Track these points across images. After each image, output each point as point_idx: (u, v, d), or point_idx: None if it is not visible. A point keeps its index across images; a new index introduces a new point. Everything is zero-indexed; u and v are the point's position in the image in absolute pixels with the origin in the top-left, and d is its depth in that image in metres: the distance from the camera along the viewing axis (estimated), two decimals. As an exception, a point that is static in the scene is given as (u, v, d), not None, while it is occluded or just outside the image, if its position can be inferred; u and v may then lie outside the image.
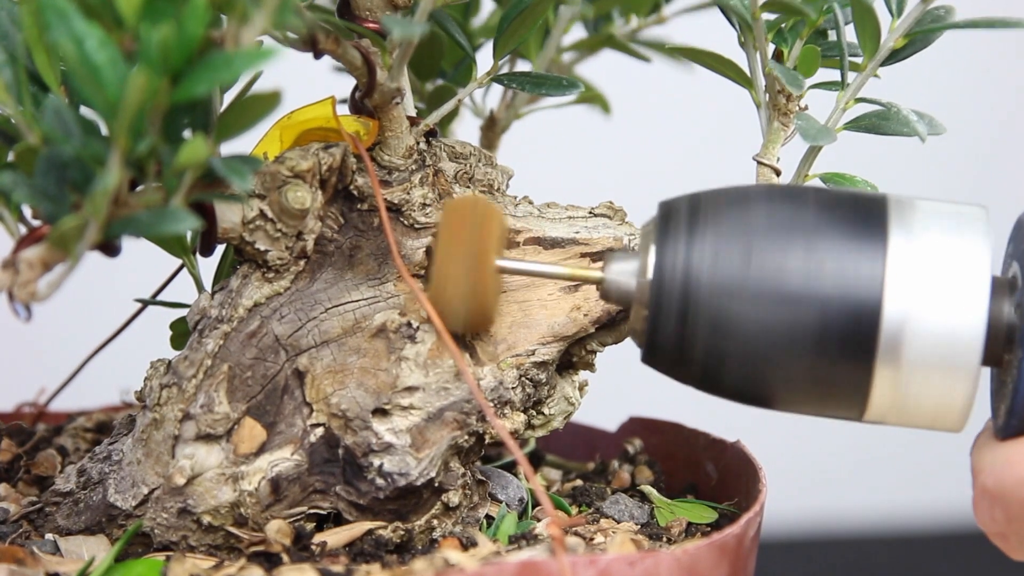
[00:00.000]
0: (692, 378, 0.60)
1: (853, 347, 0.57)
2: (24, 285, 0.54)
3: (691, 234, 0.59)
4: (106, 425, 0.77)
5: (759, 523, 0.64)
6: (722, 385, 0.60)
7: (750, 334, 0.58)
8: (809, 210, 0.58)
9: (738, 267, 0.58)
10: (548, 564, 0.56)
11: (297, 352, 0.64)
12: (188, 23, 0.50)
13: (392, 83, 0.64)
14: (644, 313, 0.60)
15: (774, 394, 0.59)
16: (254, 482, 0.63)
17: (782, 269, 0.58)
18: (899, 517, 1.37)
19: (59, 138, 0.52)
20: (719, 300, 0.58)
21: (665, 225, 0.59)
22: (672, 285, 0.58)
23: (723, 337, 0.58)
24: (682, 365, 0.59)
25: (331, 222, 0.65)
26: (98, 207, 0.52)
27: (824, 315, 0.57)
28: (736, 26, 0.67)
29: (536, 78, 0.68)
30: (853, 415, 0.60)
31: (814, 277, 0.57)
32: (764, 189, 0.60)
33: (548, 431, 0.68)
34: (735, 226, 0.58)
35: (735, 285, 0.58)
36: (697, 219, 0.59)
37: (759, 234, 0.58)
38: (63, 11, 0.50)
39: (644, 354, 0.61)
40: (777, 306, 0.57)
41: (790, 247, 0.58)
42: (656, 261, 0.59)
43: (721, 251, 0.58)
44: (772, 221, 0.58)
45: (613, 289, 0.61)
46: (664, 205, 0.61)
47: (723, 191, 0.60)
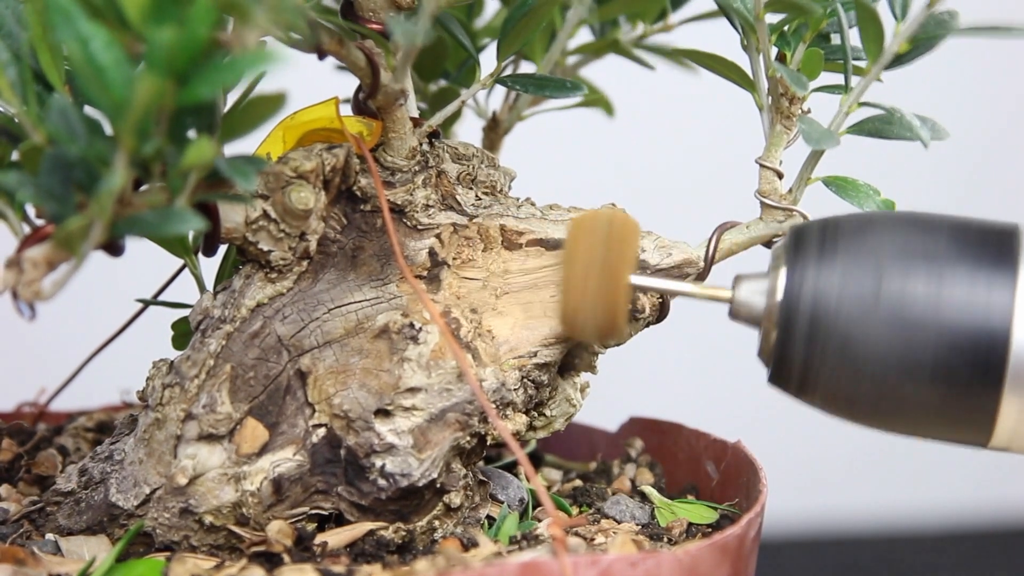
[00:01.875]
0: (818, 401, 0.61)
1: (981, 375, 0.58)
2: (28, 284, 0.54)
3: (821, 258, 0.59)
4: (107, 425, 0.77)
5: (760, 523, 0.64)
6: (849, 409, 0.60)
7: (878, 360, 0.58)
8: (940, 238, 0.59)
9: (868, 293, 0.58)
10: (549, 564, 0.56)
11: (300, 352, 0.64)
12: (194, 25, 0.50)
13: (396, 84, 0.64)
14: (773, 334, 0.60)
15: (901, 419, 0.60)
16: (256, 482, 0.63)
17: (912, 296, 0.58)
18: (899, 517, 1.37)
19: (64, 138, 0.52)
20: (848, 325, 0.58)
21: (796, 248, 0.60)
22: (802, 308, 0.59)
23: (852, 362, 0.59)
24: (808, 388, 0.60)
25: (334, 223, 0.65)
26: (103, 207, 0.52)
27: (953, 343, 0.58)
28: (739, 29, 0.67)
29: (539, 80, 0.68)
30: (979, 441, 0.60)
31: (944, 305, 0.58)
32: (896, 215, 0.61)
33: (550, 432, 0.68)
34: (866, 251, 0.59)
35: (865, 310, 0.58)
36: (827, 243, 0.60)
37: (889, 260, 0.59)
38: (68, 11, 0.50)
39: (771, 375, 0.61)
40: (905, 332, 0.58)
41: (921, 274, 0.58)
42: (786, 283, 0.60)
43: (851, 276, 0.59)
44: (904, 248, 0.59)
45: (743, 309, 0.62)
46: (795, 228, 0.61)
47: (855, 216, 0.61)
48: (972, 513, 1.34)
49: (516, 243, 0.66)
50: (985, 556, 1.09)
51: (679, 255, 0.66)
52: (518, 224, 0.67)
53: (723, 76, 0.68)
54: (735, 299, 0.62)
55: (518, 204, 0.68)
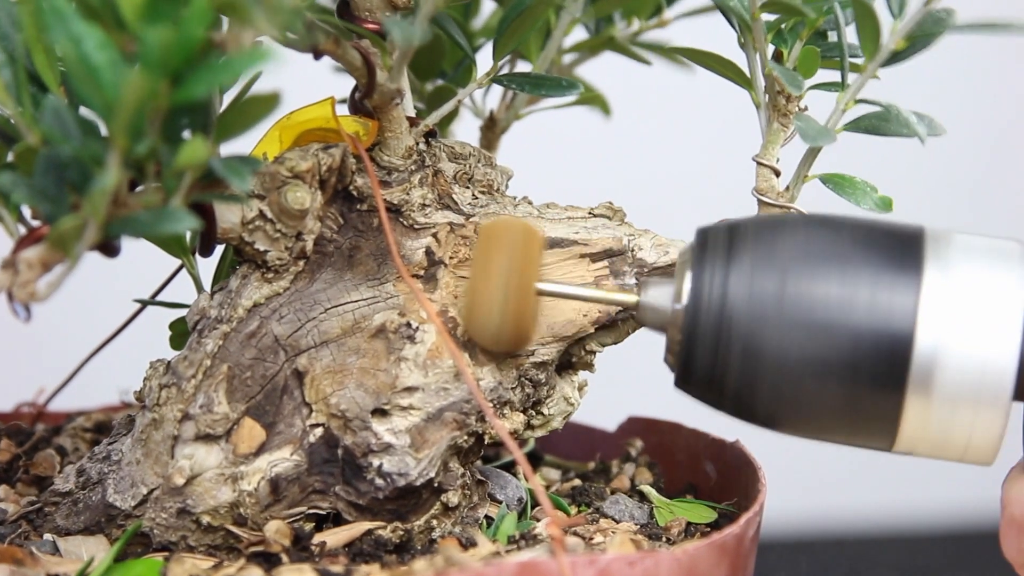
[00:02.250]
0: (725, 405, 0.60)
1: (884, 378, 0.58)
2: (23, 285, 0.54)
3: (728, 261, 0.59)
4: (105, 425, 0.77)
5: (758, 523, 0.64)
6: (754, 412, 0.60)
7: (782, 362, 0.58)
8: (845, 240, 0.59)
9: (773, 294, 0.58)
10: (548, 564, 0.56)
11: (296, 352, 0.64)
12: (189, 24, 0.49)
13: (392, 84, 0.64)
14: (679, 338, 0.60)
15: (805, 422, 0.60)
16: (253, 482, 0.63)
17: (816, 298, 0.58)
18: (899, 517, 1.37)
19: (58, 139, 0.52)
20: (753, 328, 0.58)
21: (702, 252, 0.60)
22: (707, 312, 0.59)
23: (756, 365, 0.58)
24: (715, 391, 0.60)
25: (330, 222, 0.65)
26: (97, 207, 0.52)
27: (856, 345, 0.58)
28: (736, 27, 0.67)
29: (535, 79, 0.68)
30: (883, 446, 0.60)
31: (847, 307, 0.58)
32: (801, 218, 0.60)
33: (547, 431, 0.68)
34: (771, 254, 0.58)
35: (769, 313, 0.58)
36: (734, 246, 0.59)
37: (794, 263, 0.58)
38: (62, 12, 0.50)
39: (677, 379, 0.61)
40: (810, 335, 0.58)
41: (825, 276, 0.58)
42: (692, 287, 0.59)
43: (756, 277, 0.58)
44: (808, 250, 0.58)
45: (648, 314, 0.61)
46: (701, 232, 0.61)
47: (760, 218, 0.60)
48: (972, 513, 1.33)
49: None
50: (985, 556, 1.09)
51: (676, 253, 0.66)
52: (515, 223, 0.67)
53: (720, 74, 0.68)
54: (640, 304, 0.62)
55: (515, 203, 0.68)
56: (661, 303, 0.61)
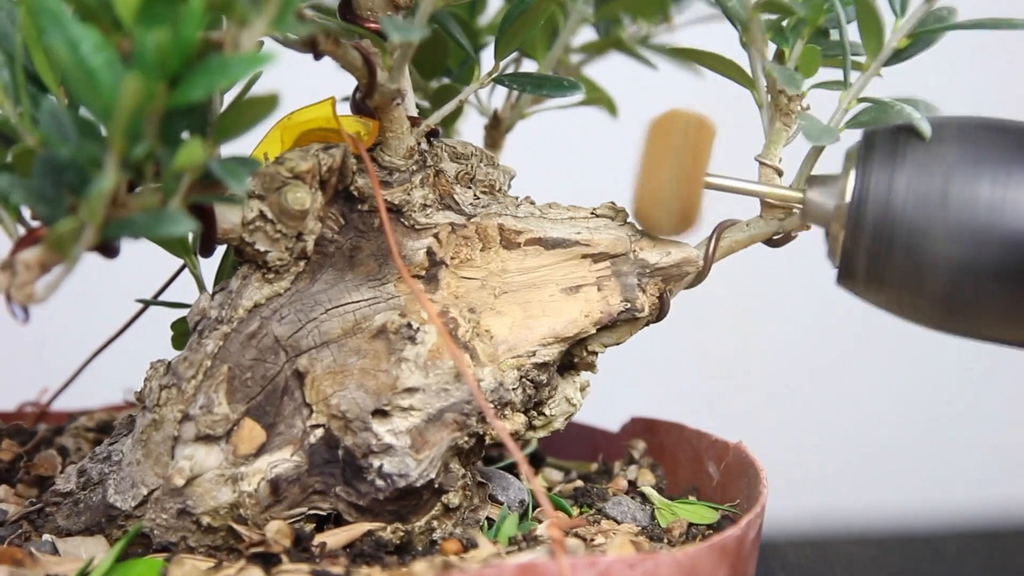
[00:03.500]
0: (883, 301, 0.62)
1: None
2: (22, 287, 0.54)
3: (892, 161, 0.61)
4: (108, 425, 0.77)
5: (760, 524, 0.64)
6: (915, 309, 0.62)
7: (943, 260, 0.60)
8: (1010, 143, 0.60)
9: (936, 195, 0.60)
10: (548, 566, 0.56)
11: (297, 353, 0.64)
12: (185, 26, 0.49)
13: (392, 84, 0.64)
14: (841, 234, 0.62)
15: (964, 319, 0.61)
16: (253, 483, 0.63)
17: (980, 200, 0.59)
18: (899, 517, 1.37)
19: (56, 140, 0.52)
20: (916, 227, 0.60)
21: (868, 151, 0.62)
22: (871, 209, 0.61)
23: (917, 262, 0.60)
24: (874, 288, 0.62)
25: (331, 223, 0.65)
26: (94, 209, 0.52)
27: (1017, 245, 0.59)
28: (737, 27, 0.67)
29: (537, 79, 0.68)
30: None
31: (1009, 208, 0.59)
32: (967, 121, 0.62)
33: (549, 432, 0.68)
34: (935, 154, 0.60)
35: (932, 212, 0.60)
36: (899, 147, 0.61)
37: (959, 164, 0.60)
38: (58, 14, 0.50)
39: (838, 274, 0.63)
40: (971, 234, 0.60)
41: (988, 177, 0.60)
42: (856, 185, 0.61)
43: (920, 178, 0.60)
44: (973, 152, 0.60)
45: (813, 209, 0.64)
46: (868, 132, 0.63)
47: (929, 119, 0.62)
48: (972, 513, 1.33)
49: (514, 242, 0.66)
50: (985, 556, 1.09)
51: (678, 254, 0.66)
52: (516, 223, 0.67)
53: (722, 74, 0.68)
54: (806, 199, 0.64)
55: (516, 203, 0.68)
56: (826, 199, 0.63)
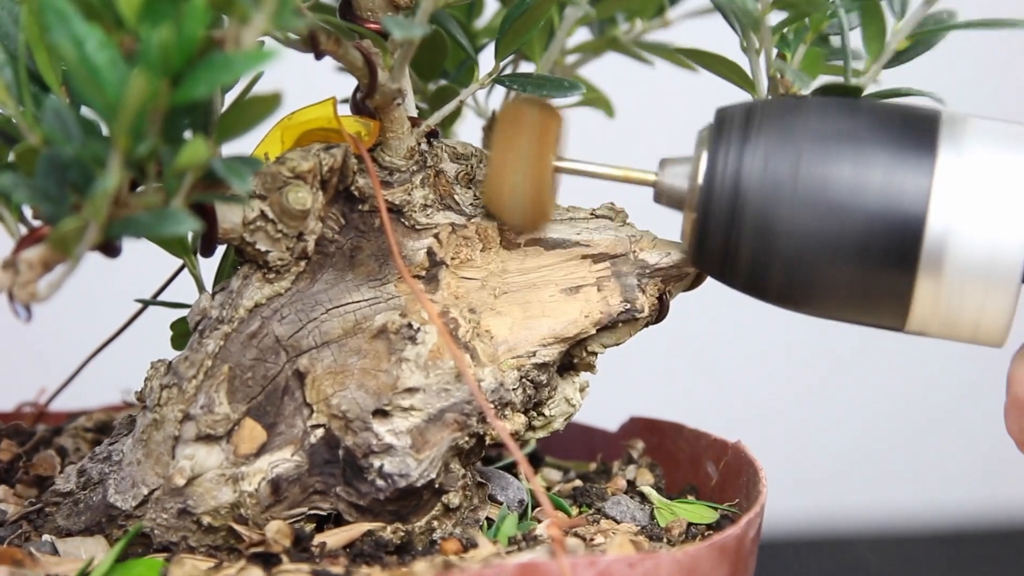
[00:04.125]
0: (738, 281, 0.62)
1: (896, 257, 0.59)
2: (24, 286, 0.54)
3: (743, 140, 0.60)
4: (107, 425, 0.77)
5: (759, 524, 0.64)
6: (766, 289, 0.61)
7: (796, 240, 0.59)
8: (861, 121, 0.60)
9: (787, 174, 0.59)
10: (548, 565, 0.56)
11: (298, 353, 0.64)
12: (188, 24, 0.49)
13: (393, 84, 0.64)
14: (693, 216, 0.62)
15: (817, 299, 0.61)
16: (254, 483, 0.63)
17: (830, 178, 0.59)
18: (899, 517, 1.37)
19: (59, 139, 0.52)
20: (767, 205, 0.60)
21: (719, 131, 0.61)
22: (721, 189, 0.60)
23: (769, 243, 0.60)
24: (728, 268, 0.61)
25: (332, 223, 0.65)
26: (98, 208, 0.52)
27: (869, 225, 0.59)
28: (738, 31, 0.67)
29: (537, 80, 0.68)
30: (895, 324, 0.61)
31: (861, 188, 0.59)
32: (818, 100, 0.61)
33: (549, 432, 0.68)
34: (787, 133, 0.60)
35: (783, 191, 0.59)
36: (751, 125, 0.61)
37: (810, 142, 0.60)
38: (63, 12, 0.50)
39: (692, 256, 0.63)
40: (823, 214, 0.59)
41: (839, 156, 0.59)
42: (708, 166, 0.61)
43: (771, 157, 0.60)
44: (824, 130, 0.60)
45: (665, 191, 0.63)
46: (719, 112, 0.62)
47: (778, 100, 0.62)
48: (972, 513, 1.33)
49: (514, 243, 0.66)
50: (985, 556, 1.09)
51: (678, 255, 0.66)
52: (516, 224, 0.67)
53: (722, 76, 0.68)
54: (659, 182, 0.63)
55: (516, 204, 0.68)
56: (678, 181, 0.63)
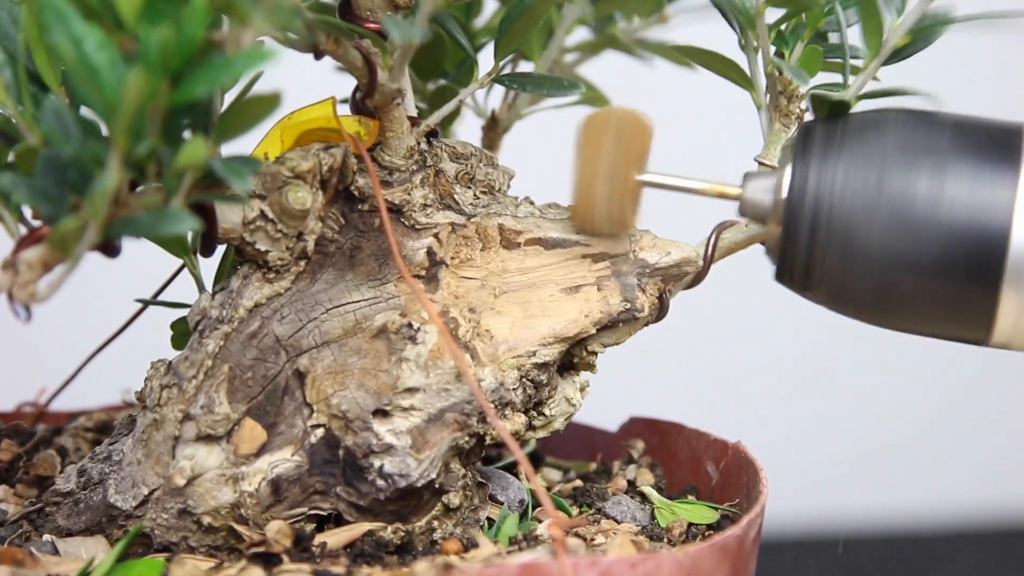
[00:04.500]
0: (821, 295, 0.62)
1: (980, 272, 0.59)
2: (24, 286, 0.54)
3: (826, 154, 0.60)
4: (107, 425, 0.77)
5: (760, 524, 0.64)
6: (850, 303, 0.61)
7: (880, 255, 0.60)
8: (944, 135, 0.60)
9: (870, 189, 0.60)
10: (549, 565, 0.56)
11: (298, 353, 0.64)
12: (188, 24, 0.49)
13: (393, 84, 0.64)
14: (778, 231, 0.62)
15: (900, 314, 0.61)
16: (254, 483, 0.63)
17: (912, 192, 0.59)
18: (899, 517, 1.37)
19: (58, 139, 0.52)
20: (850, 220, 0.60)
21: (803, 145, 0.61)
22: (805, 204, 0.60)
23: (853, 257, 0.60)
24: (812, 282, 0.61)
25: (332, 223, 0.65)
26: (97, 208, 0.52)
27: (952, 239, 0.59)
28: (736, 29, 0.67)
29: (537, 79, 0.68)
30: (978, 338, 0.61)
31: (944, 202, 0.59)
32: (900, 114, 0.61)
33: (549, 432, 0.68)
34: (869, 148, 0.60)
35: (867, 206, 0.59)
36: (834, 139, 0.61)
37: (892, 156, 0.60)
38: (62, 12, 0.50)
39: (777, 271, 0.63)
40: (907, 228, 0.59)
41: (922, 171, 0.59)
42: (791, 180, 0.61)
43: (854, 172, 0.60)
44: (907, 145, 0.60)
45: (750, 206, 0.63)
46: (803, 126, 0.62)
47: (862, 113, 0.62)
48: (972, 513, 1.33)
49: (515, 242, 0.66)
50: (985, 556, 1.09)
51: (678, 254, 0.66)
52: (516, 223, 0.67)
53: (721, 74, 0.68)
54: (743, 196, 0.63)
55: (516, 203, 0.68)
56: (762, 196, 0.63)
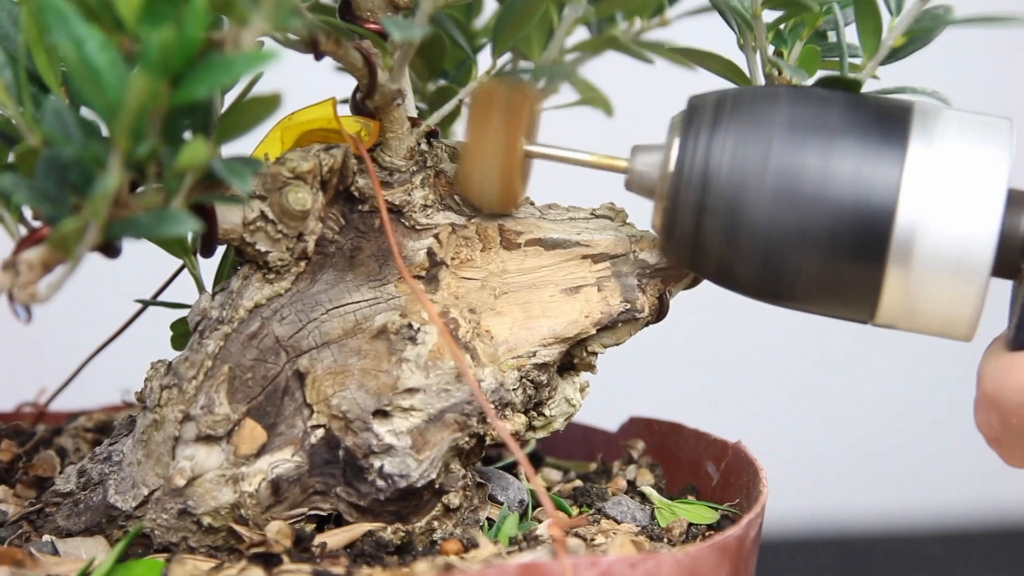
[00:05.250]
0: (707, 270, 0.62)
1: (865, 249, 0.59)
2: (24, 286, 0.54)
3: (714, 129, 0.60)
4: (106, 425, 0.77)
5: (760, 524, 0.64)
6: (735, 279, 0.61)
7: (764, 231, 0.59)
8: (832, 112, 0.59)
9: (757, 163, 0.59)
10: (549, 566, 0.56)
11: (298, 353, 0.64)
12: (188, 25, 0.49)
13: (393, 84, 0.64)
14: (664, 204, 0.61)
15: (786, 291, 0.61)
16: (254, 483, 0.63)
17: (800, 168, 0.59)
18: (899, 517, 1.37)
19: (59, 140, 0.52)
20: (736, 196, 0.59)
21: (690, 118, 0.61)
22: (691, 177, 0.60)
23: (738, 233, 0.59)
24: (698, 256, 0.61)
25: (332, 223, 0.65)
26: (98, 209, 0.52)
27: (838, 216, 0.58)
28: (735, 28, 0.67)
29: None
30: (863, 317, 0.61)
31: (831, 178, 0.59)
32: (789, 89, 0.61)
33: (549, 432, 0.68)
34: (757, 123, 0.59)
35: (753, 181, 0.59)
36: (722, 114, 0.60)
37: (780, 132, 0.59)
38: (63, 13, 0.50)
39: (662, 244, 0.63)
40: (792, 204, 0.59)
41: (810, 147, 0.59)
42: (678, 154, 0.61)
43: (741, 146, 0.59)
44: (794, 120, 0.59)
45: (636, 179, 0.63)
46: (692, 99, 0.62)
47: (750, 89, 0.61)
48: (972, 513, 1.33)
49: (515, 243, 0.66)
50: (985, 556, 1.09)
51: None
52: (516, 224, 0.67)
53: (720, 74, 0.68)
54: (630, 169, 0.63)
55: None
56: (649, 169, 0.62)
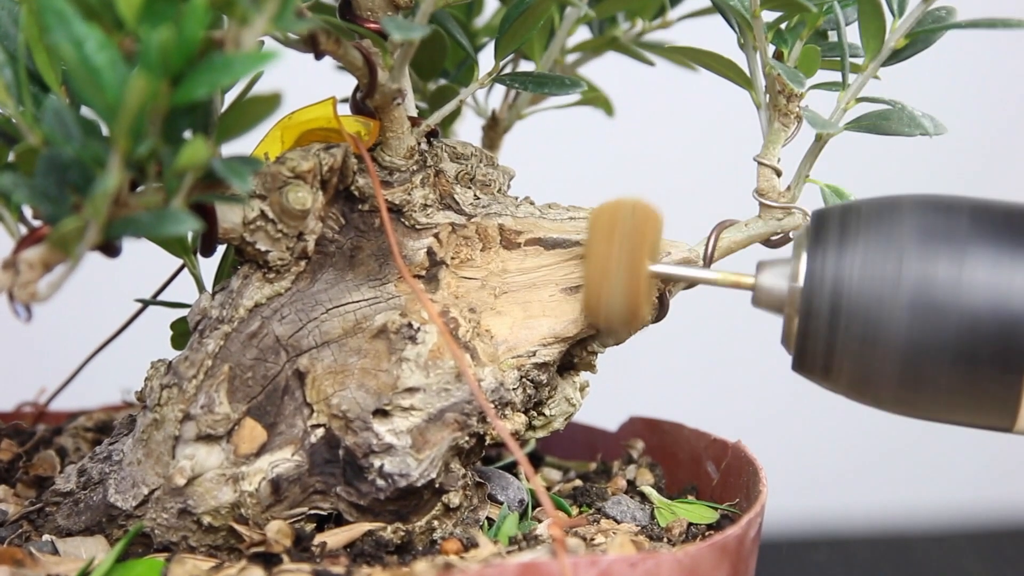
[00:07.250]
0: (842, 387, 0.61)
1: (1003, 359, 0.58)
2: (24, 286, 0.54)
3: (842, 242, 0.59)
4: (107, 425, 0.77)
5: (760, 524, 0.64)
6: (873, 395, 0.60)
7: (900, 344, 0.58)
8: (962, 220, 0.59)
9: (889, 276, 0.58)
10: (549, 565, 0.56)
11: (298, 353, 0.64)
12: (188, 25, 0.49)
13: (393, 84, 0.64)
14: (795, 320, 0.60)
15: (924, 404, 0.60)
16: (254, 483, 0.63)
17: (933, 280, 0.58)
18: (899, 517, 1.37)
19: (59, 139, 0.52)
20: (869, 309, 0.58)
21: (817, 232, 0.60)
22: (823, 293, 0.59)
23: (873, 346, 0.58)
24: (832, 374, 0.60)
25: (332, 223, 0.65)
26: (98, 208, 0.52)
27: (975, 326, 0.58)
28: (735, 28, 0.67)
29: (538, 78, 0.68)
30: (1003, 425, 0.60)
31: (965, 287, 0.58)
32: (917, 199, 0.60)
33: (549, 432, 0.68)
34: (886, 234, 0.59)
35: (886, 294, 0.58)
36: (848, 226, 0.59)
37: (910, 243, 0.58)
38: (63, 13, 0.50)
39: (794, 361, 0.61)
40: (927, 316, 0.58)
41: (942, 257, 0.58)
42: (807, 268, 0.60)
43: (872, 259, 0.59)
44: (924, 230, 0.59)
45: (765, 295, 0.62)
46: (817, 213, 0.61)
47: (877, 199, 0.60)
48: (972, 513, 1.33)
49: (515, 242, 0.66)
50: (985, 556, 1.09)
51: (677, 254, 0.66)
52: (516, 223, 0.67)
53: (720, 74, 0.68)
54: (757, 285, 0.62)
55: (516, 203, 0.68)
56: (778, 284, 0.61)
